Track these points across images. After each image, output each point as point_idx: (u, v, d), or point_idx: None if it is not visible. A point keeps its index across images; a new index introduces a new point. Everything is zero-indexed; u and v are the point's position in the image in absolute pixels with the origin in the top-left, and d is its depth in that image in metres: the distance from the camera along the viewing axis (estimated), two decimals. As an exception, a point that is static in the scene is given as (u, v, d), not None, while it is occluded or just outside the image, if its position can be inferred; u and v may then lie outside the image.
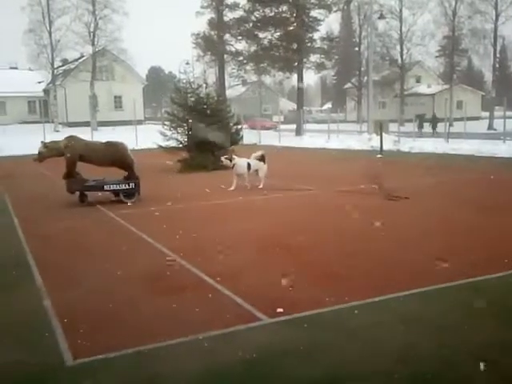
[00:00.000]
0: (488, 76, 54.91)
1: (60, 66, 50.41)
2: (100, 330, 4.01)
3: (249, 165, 11.18)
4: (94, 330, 4.01)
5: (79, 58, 50.16)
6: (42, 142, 10.72)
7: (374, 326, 3.97)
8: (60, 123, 46.93)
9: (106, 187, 9.92)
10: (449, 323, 3.99)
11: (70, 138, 10.51)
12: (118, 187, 9.90)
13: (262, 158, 11.38)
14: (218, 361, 3.48)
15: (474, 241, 6.43)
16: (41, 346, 3.76)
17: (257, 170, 11.34)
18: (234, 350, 3.61)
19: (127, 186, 9.91)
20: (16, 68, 60.35)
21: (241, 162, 11.20)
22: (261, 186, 11.11)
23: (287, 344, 3.69)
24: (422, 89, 58.60)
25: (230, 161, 11.22)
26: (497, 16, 41.03)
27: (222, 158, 11.51)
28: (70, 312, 4.37)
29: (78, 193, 9.97)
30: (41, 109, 54.98)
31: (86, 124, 40.50)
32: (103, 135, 30.49)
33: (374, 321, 4.06)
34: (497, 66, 46.08)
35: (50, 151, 10.24)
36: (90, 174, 10.43)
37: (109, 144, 10.49)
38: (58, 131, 42.76)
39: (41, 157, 10.31)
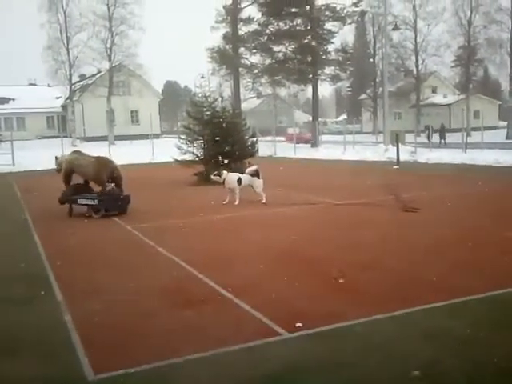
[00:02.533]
0: (505, 85, 54.30)
1: (77, 82, 51.23)
2: (120, 344, 4.02)
3: (239, 179, 11.06)
4: (114, 344, 4.02)
5: (96, 74, 50.98)
6: (55, 156, 11.33)
7: (396, 340, 3.91)
8: (78, 138, 47.57)
9: (80, 201, 10.23)
10: (473, 337, 3.92)
11: (72, 152, 11.32)
12: (86, 202, 10.14)
13: (256, 173, 11.23)
14: (239, 376, 3.46)
15: (496, 253, 6.33)
16: (62, 361, 3.77)
17: (251, 186, 11.16)
18: (255, 365, 3.58)
19: (92, 202, 10.08)
20: (35, 84, 61.54)
21: (231, 177, 11.07)
22: (263, 201, 10.96)
23: (308, 359, 3.65)
24: (438, 99, 58.26)
25: (220, 176, 11.11)
26: (513, 25, 40.69)
27: (212, 175, 11.41)
28: (89, 326, 4.39)
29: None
30: (59, 124, 56.01)
31: (104, 138, 40.95)
32: (120, 149, 30.86)
33: (396, 335, 4.00)
34: (514, 75, 45.61)
35: (58, 164, 11.39)
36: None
37: (96, 159, 10.74)
38: (75, 146, 43.27)
39: (57, 169, 11.53)
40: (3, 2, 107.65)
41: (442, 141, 32.67)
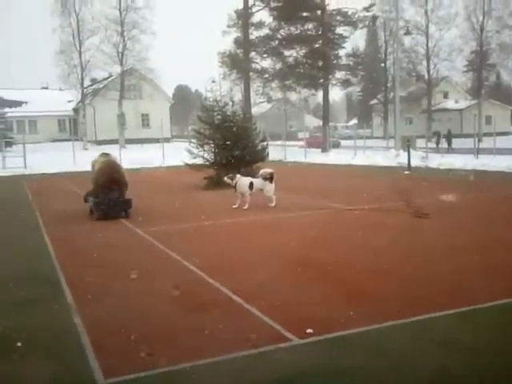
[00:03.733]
0: (517, 91, 54.05)
1: (89, 86, 51.63)
2: (130, 348, 4.00)
3: (251, 184, 10.97)
4: (125, 348, 4.01)
5: (108, 78, 51.34)
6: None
7: (406, 347, 3.87)
8: (89, 141, 47.92)
9: (88, 201, 10.79)
10: (484, 344, 3.86)
11: (100, 154, 11.56)
12: (90, 203, 10.69)
13: (270, 177, 11.05)
14: (249, 382, 3.43)
15: (508, 259, 6.25)
16: (72, 365, 3.77)
17: (262, 190, 11.04)
18: (265, 371, 3.56)
19: (90, 204, 10.63)
20: (47, 88, 62.15)
21: (243, 181, 11.02)
22: (273, 205, 10.84)
23: (318, 366, 3.62)
24: (450, 104, 58.01)
25: (232, 180, 11.07)
26: (526, 30, 40.50)
27: (225, 178, 11.42)
28: (100, 330, 4.38)
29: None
30: (70, 127, 56.44)
31: (115, 142, 41.20)
32: (130, 153, 30.99)
33: (406, 342, 3.96)
34: (526, 80, 45.35)
35: None
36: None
37: (101, 162, 10.96)
38: (87, 149, 43.63)
39: None
40: (16, 6, 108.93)
41: (449, 146, 32.71)
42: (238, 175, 11.33)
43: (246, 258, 6.79)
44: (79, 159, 28.70)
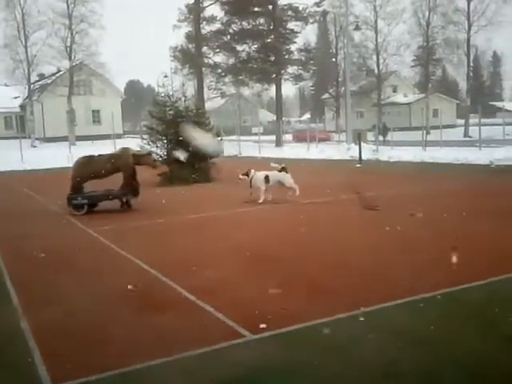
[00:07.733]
0: (462, 85, 55.91)
1: (37, 81, 49.94)
2: (80, 351, 3.91)
3: (267, 177, 10.72)
4: (74, 351, 3.91)
5: (56, 73, 49.79)
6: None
7: (359, 340, 3.93)
8: (37, 138, 46.42)
9: None
10: (433, 335, 3.98)
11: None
12: None
13: (283, 167, 10.93)
14: (202, 380, 3.42)
15: (457, 249, 6.46)
16: (18, 370, 3.64)
17: (282, 183, 10.80)
18: (218, 368, 3.55)
19: None
20: (-9, 83, 59.66)
21: (258, 176, 10.72)
22: (297, 193, 10.55)
23: (271, 361, 3.64)
24: (399, 98, 59.49)
25: (248, 176, 10.72)
26: (469, 26, 41.89)
27: (240, 176, 10.94)
28: (47, 333, 4.26)
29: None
30: (17, 124, 54.48)
31: (64, 139, 40.01)
32: (81, 150, 30.20)
33: (359, 335, 4.02)
34: (471, 74, 46.99)
35: None
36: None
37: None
38: (35, 147, 42.27)
39: None
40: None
41: (384, 139, 33.69)
42: (253, 170, 10.85)
43: (197, 255, 6.71)
44: (27, 157, 27.83)
